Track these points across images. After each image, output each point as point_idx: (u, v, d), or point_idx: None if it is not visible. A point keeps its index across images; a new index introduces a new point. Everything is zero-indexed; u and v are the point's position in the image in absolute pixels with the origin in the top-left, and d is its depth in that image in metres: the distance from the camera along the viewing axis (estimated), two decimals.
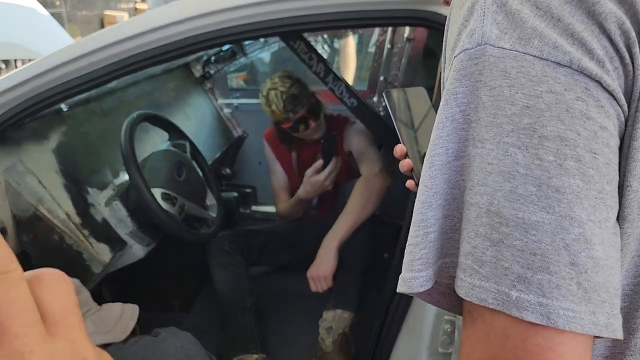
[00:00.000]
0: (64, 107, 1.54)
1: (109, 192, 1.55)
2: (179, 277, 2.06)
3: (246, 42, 2.32)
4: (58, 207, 1.38)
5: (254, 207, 2.66)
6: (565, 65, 0.37)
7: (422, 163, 0.71)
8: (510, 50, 0.38)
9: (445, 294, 0.48)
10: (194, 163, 1.73)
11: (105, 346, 1.18)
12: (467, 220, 0.40)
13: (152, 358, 1.17)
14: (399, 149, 0.72)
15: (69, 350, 0.23)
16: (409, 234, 0.44)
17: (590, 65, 0.37)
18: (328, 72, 1.75)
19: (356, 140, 1.99)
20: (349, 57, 3.06)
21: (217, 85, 2.50)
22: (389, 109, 0.76)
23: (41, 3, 3.09)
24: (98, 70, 1.18)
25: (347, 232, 1.78)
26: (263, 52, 2.49)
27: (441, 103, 0.42)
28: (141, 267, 1.61)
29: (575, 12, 0.38)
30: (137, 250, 1.56)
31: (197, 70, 2.41)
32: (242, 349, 1.65)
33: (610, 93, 0.38)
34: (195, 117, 2.25)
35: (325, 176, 1.82)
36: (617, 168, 0.39)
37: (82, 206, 1.45)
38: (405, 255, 0.45)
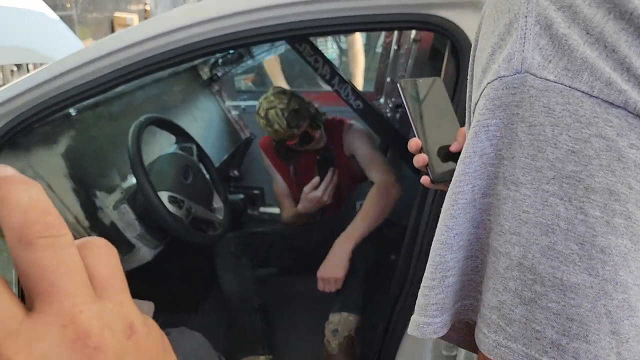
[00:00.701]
0: (72, 111, 1.56)
1: (117, 195, 1.57)
2: (187, 279, 2.07)
3: None
4: (67, 210, 1.40)
5: (262, 209, 2.68)
6: (619, 106, 0.32)
7: (439, 157, 0.68)
8: (555, 82, 0.33)
9: (457, 329, 0.45)
10: (201, 166, 1.75)
11: None
12: (493, 269, 0.37)
13: None
14: (413, 143, 0.69)
15: (117, 312, 0.23)
16: (425, 274, 0.41)
17: None
18: (334, 74, 1.76)
19: (358, 143, 1.99)
20: (357, 54, 3.07)
21: (225, 88, 2.52)
22: (403, 100, 0.72)
23: (52, 6, 3.13)
24: (105, 75, 1.19)
25: (360, 236, 1.78)
26: (270, 55, 2.50)
27: (469, 135, 0.38)
28: (149, 269, 1.63)
29: (633, 42, 0.32)
30: (145, 252, 1.58)
31: (205, 73, 2.43)
32: (249, 350, 1.67)
33: None
34: (203, 120, 2.27)
35: (322, 192, 1.84)
36: None
37: (91, 210, 1.47)
38: (419, 297, 0.41)
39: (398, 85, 0.72)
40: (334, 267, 1.74)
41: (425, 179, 0.70)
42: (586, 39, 0.33)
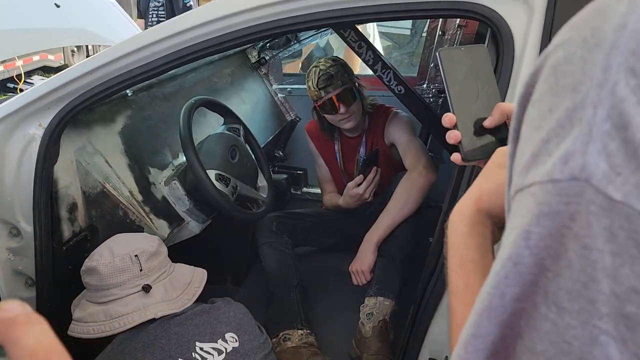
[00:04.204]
0: (128, 92, 1.65)
1: (168, 172, 1.67)
2: (232, 253, 2.17)
3: None
4: (122, 185, 1.50)
5: (304, 189, 2.75)
6: None
7: (472, 133, 0.64)
8: (621, 203, 0.26)
9: None
10: (247, 146, 1.82)
11: None
12: None
13: (206, 324, 1.27)
14: (448, 119, 0.65)
15: None
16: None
17: None
18: (377, 59, 1.79)
19: (398, 132, 2.01)
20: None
21: (272, 71, 2.58)
22: (442, 71, 0.66)
23: None
24: (161, 59, 1.27)
25: (386, 230, 1.86)
26: (315, 40, 2.54)
27: (504, 236, 0.33)
28: (197, 243, 1.72)
29: None
30: (193, 226, 1.67)
31: (253, 57, 2.50)
32: (288, 323, 1.74)
33: None
34: (250, 101, 2.34)
35: (363, 190, 1.90)
36: None
37: (144, 185, 1.57)
38: None
39: (438, 54, 0.67)
40: (358, 260, 1.85)
41: (456, 157, 0.67)
42: None
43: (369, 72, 1.91)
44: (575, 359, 0.28)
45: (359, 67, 3.22)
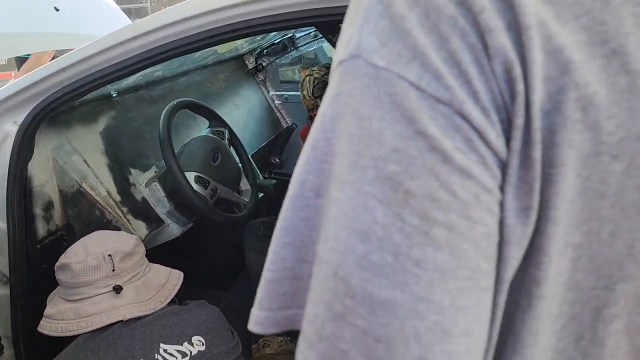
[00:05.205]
0: (113, 93, 1.65)
1: (150, 173, 1.66)
2: (218, 258, 2.14)
3: (297, 36, 2.37)
4: (100, 184, 1.49)
5: None
6: (445, 104, 0.28)
7: None
8: (384, 69, 0.29)
9: None
10: (232, 150, 1.80)
11: None
12: (316, 277, 0.32)
13: (173, 326, 1.24)
14: None
15: None
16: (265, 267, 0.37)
17: (473, 112, 0.28)
18: None
19: None
20: None
21: (269, 77, 2.58)
22: None
23: None
24: (132, 57, 1.26)
25: None
26: (313, 47, 2.53)
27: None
28: (180, 246, 1.71)
29: (466, 34, 0.29)
30: (173, 229, 1.65)
31: (250, 62, 2.50)
32: None
33: (495, 152, 0.29)
34: (245, 107, 2.33)
35: None
36: (497, 239, 0.30)
37: (123, 185, 1.56)
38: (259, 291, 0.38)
39: None
40: None
41: None
42: (424, 23, 0.29)
43: None
44: (353, 231, 0.29)
45: None
